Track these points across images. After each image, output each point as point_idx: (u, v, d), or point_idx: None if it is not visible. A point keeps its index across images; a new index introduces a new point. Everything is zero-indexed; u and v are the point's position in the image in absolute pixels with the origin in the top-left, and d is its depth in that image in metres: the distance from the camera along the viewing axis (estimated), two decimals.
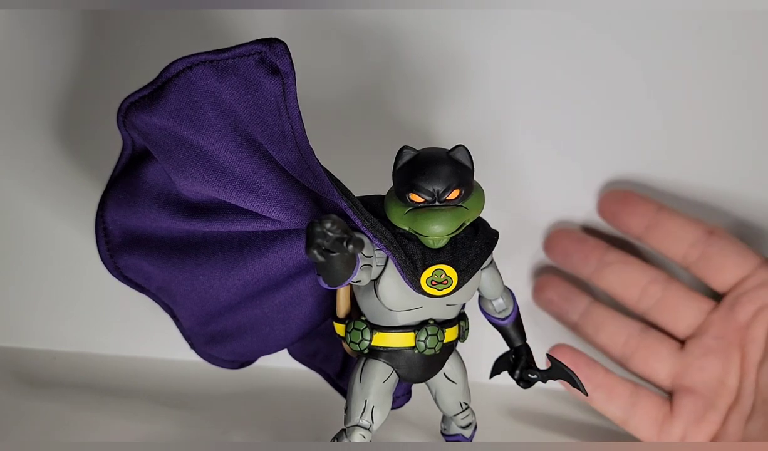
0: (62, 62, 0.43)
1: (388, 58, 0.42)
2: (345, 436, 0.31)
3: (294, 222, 0.31)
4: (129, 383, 0.43)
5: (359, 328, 0.31)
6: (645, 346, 0.40)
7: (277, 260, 0.32)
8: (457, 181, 0.28)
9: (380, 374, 0.31)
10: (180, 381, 0.44)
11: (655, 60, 0.42)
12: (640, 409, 0.39)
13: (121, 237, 0.34)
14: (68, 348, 0.46)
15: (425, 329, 0.31)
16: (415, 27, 0.42)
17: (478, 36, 0.42)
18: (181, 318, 0.36)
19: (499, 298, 0.33)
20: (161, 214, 0.33)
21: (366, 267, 0.29)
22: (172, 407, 0.41)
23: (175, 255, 0.33)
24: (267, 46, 0.28)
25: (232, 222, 0.32)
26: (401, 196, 0.29)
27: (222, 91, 0.29)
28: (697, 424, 0.38)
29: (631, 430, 0.39)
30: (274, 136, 0.29)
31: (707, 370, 0.38)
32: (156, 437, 0.38)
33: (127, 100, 0.30)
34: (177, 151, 0.30)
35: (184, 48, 0.30)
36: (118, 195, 0.34)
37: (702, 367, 0.39)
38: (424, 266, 0.29)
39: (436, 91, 0.43)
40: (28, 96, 0.43)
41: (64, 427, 0.38)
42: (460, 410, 0.34)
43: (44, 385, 0.42)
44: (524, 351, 0.34)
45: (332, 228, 0.24)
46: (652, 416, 0.39)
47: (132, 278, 0.35)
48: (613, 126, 0.43)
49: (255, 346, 0.35)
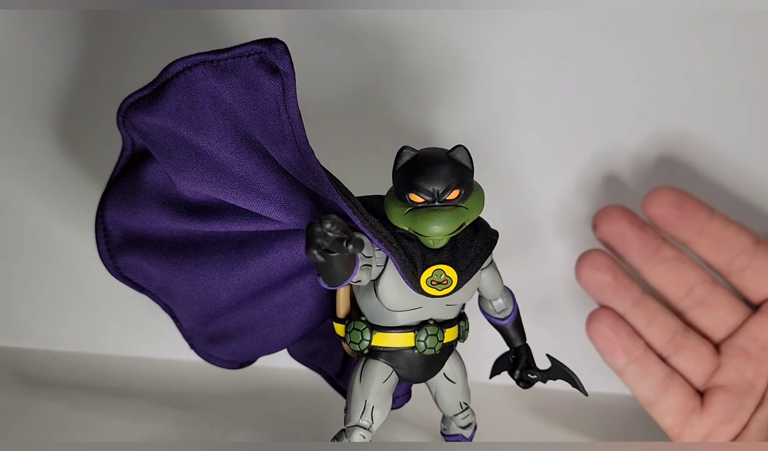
0: (62, 62, 0.42)
1: (388, 58, 0.42)
2: (345, 436, 0.31)
3: (294, 222, 0.31)
4: (129, 383, 0.43)
5: (359, 328, 0.31)
6: (688, 345, 0.39)
7: (277, 260, 0.32)
8: (457, 181, 0.28)
9: (380, 374, 0.31)
10: (180, 381, 0.44)
11: (654, 60, 0.42)
12: (671, 395, 0.38)
13: (121, 237, 0.34)
14: (68, 348, 0.46)
15: (425, 329, 0.31)
16: (415, 27, 0.42)
17: (478, 36, 0.42)
18: (181, 318, 0.36)
19: (499, 298, 0.33)
20: (161, 215, 0.33)
21: (366, 267, 0.29)
22: (172, 407, 0.41)
23: (175, 255, 0.33)
24: (267, 46, 0.28)
25: (232, 222, 0.32)
26: (401, 196, 0.29)
27: (222, 92, 0.29)
28: (725, 423, 0.38)
29: (656, 414, 0.39)
30: (274, 136, 0.29)
31: (742, 372, 0.38)
32: (156, 437, 0.38)
33: (127, 101, 0.30)
34: (177, 151, 0.30)
35: (184, 48, 0.30)
36: (118, 195, 0.34)
37: (737, 368, 0.38)
38: (424, 266, 0.29)
39: (436, 91, 0.43)
40: (28, 96, 0.43)
41: (64, 427, 0.38)
42: (460, 410, 0.34)
43: (44, 385, 0.42)
44: (524, 351, 0.34)
45: (332, 228, 0.24)
46: (681, 405, 0.38)
47: (132, 278, 0.35)
48: (613, 126, 0.43)
49: (255, 346, 0.35)
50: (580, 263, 0.40)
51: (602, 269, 0.40)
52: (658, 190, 0.40)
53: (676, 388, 0.38)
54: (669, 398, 0.38)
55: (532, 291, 0.44)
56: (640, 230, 0.40)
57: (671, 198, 0.39)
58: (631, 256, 0.40)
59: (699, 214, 0.39)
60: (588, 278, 0.40)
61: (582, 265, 0.40)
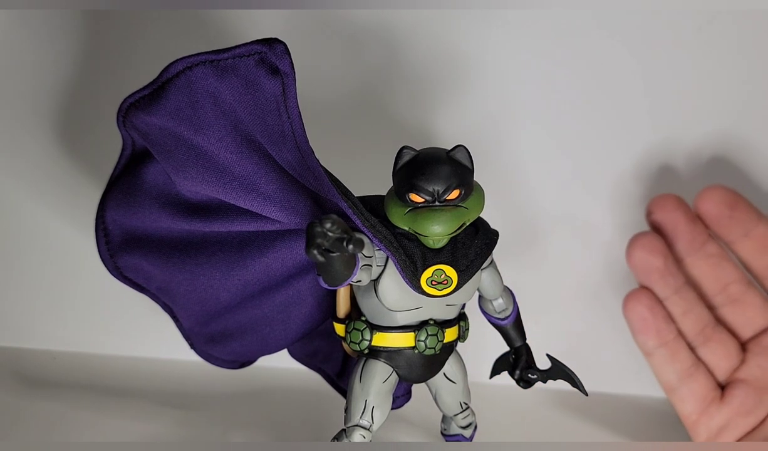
0: (62, 62, 0.43)
1: (388, 58, 0.42)
2: (345, 436, 0.31)
3: (294, 222, 0.31)
4: (129, 383, 0.43)
5: (359, 328, 0.31)
6: (717, 339, 0.40)
7: (277, 260, 0.32)
8: (457, 181, 0.28)
9: (380, 374, 0.31)
10: (180, 381, 0.44)
11: (654, 58, 0.42)
12: (695, 382, 0.39)
13: (121, 237, 0.34)
14: (68, 348, 0.46)
15: (425, 329, 0.31)
16: (415, 27, 0.42)
17: (477, 36, 0.42)
18: (181, 318, 0.36)
19: (499, 298, 0.33)
20: (161, 215, 0.33)
21: (366, 267, 0.29)
22: (172, 407, 0.41)
23: (175, 255, 0.33)
24: (267, 46, 0.28)
25: (232, 222, 0.32)
26: (401, 196, 0.29)
27: (222, 92, 0.29)
28: (743, 416, 0.39)
29: (676, 401, 0.39)
30: (274, 136, 0.29)
31: (765, 369, 0.39)
32: (156, 437, 0.38)
33: (127, 100, 0.30)
34: (177, 151, 0.30)
35: (184, 48, 0.30)
36: (119, 195, 0.34)
37: (760, 365, 0.39)
38: (424, 266, 0.29)
39: (435, 91, 0.43)
40: (28, 96, 0.43)
41: (64, 427, 0.38)
42: (460, 410, 0.34)
43: (44, 385, 0.42)
44: (524, 351, 0.34)
45: (332, 228, 0.24)
46: (703, 394, 0.39)
47: (132, 278, 0.35)
48: (612, 125, 0.43)
49: (255, 346, 0.35)
50: (633, 244, 0.40)
51: (655, 252, 0.40)
52: (713, 188, 0.40)
53: (700, 376, 0.39)
54: (692, 385, 0.39)
55: (532, 291, 0.44)
56: (692, 223, 0.40)
57: (726, 197, 0.40)
58: (679, 245, 0.40)
59: (749, 216, 0.40)
60: (639, 259, 0.40)
61: (635, 246, 0.40)
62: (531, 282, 0.44)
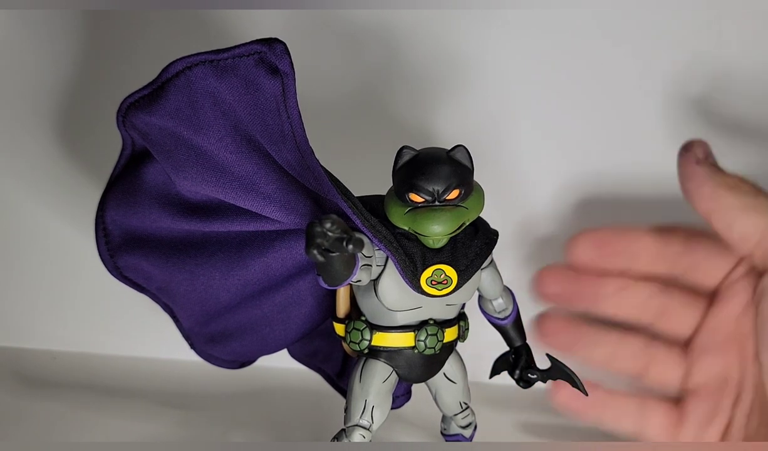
0: (63, 62, 0.43)
1: (387, 58, 0.42)
2: (345, 436, 0.31)
3: (294, 222, 0.31)
4: (129, 383, 0.43)
5: (359, 328, 0.31)
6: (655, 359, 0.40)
7: (277, 260, 0.32)
8: (457, 181, 0.28)
9: (380, 374, 0.31)
10: (180, 381, 0.44)
11: (654, 59, 0.42)
12: (651, 420, 0.39)
13: (121, 237, 0.34)
14: (68, 348, 0.46)
15: (425, 329, 0.31)
16: (415, 27, 0.42)
17: (477, 36, 0.42)
18: (181, 318, 0.36)
19: (499, 298, 0.33)
20: (161, 215, 0.33)
21: (366, 267, 0.29)
22: (172, 407, 0.41)
23: (175, 255, 0.33)
24: (267, 46, 0.28)
25: (232, 222, 0.32)
26: (401, 196, 0.29)
27: (222, 91, 0.29)
28: (706, 426, 0.38)
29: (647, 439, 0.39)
30: (274, 136, 0.29)
31: (709, 371, 0.38)
32: (156, 437, 0.38)
33: (126, 101, 0.30)
34: (177, 151, 0.30)
35: (184, 48, 0.30)
36: (118, 195, 0.34)
37: (704, 369, 0.38)
38: (424, 266, 0.29)
39: (435, 91, 0.43)
40: (28, 96, 0.43)
41: (64, 427, 0.38)
42: (460, 410, 0.34)
43: (44, 385, 0.42)
44: (524, 351, 0.34)
45: (332, 228, 0.24)
46: (664, 425, 0.39)
47: (132, 278, 0.35)
48: (612, 125, 0.43)
49: (255, 346, 0.35)
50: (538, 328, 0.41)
51: (559, 331, 0.41)
52: (577, 237, 0.41)
53: (653, 412, 0.39)
54: (650, 425, 0.39)
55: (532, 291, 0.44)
56: (576, 282, 0.41)
57: (592, 240, 0.40)
58: (581, 306, 0.41)
59: (625, 245, 0.40)
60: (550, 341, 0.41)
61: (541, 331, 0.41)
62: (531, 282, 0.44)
